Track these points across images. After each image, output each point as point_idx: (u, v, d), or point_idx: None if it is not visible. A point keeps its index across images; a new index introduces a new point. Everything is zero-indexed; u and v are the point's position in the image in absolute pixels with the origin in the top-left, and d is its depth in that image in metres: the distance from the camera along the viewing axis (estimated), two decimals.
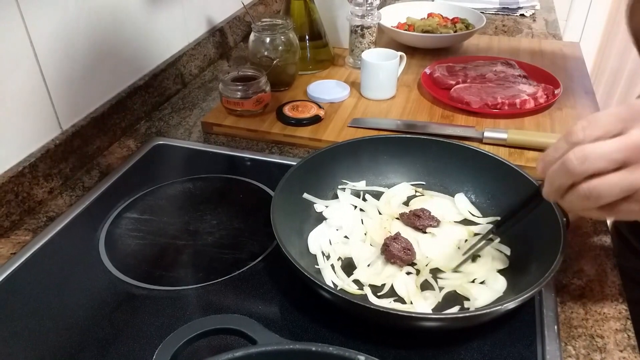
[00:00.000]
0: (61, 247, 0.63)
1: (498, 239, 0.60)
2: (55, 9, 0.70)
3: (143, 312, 0.54)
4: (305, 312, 0.53)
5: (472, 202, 0.67)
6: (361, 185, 0.69)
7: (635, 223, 0.82)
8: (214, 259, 0.61)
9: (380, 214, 0.65)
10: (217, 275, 0.58)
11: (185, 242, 0.63)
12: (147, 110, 0.91)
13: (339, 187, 0.68)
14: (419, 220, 0.63)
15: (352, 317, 0.51)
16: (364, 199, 0.67)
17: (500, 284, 0.55)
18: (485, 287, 0.55)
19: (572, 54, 1.08)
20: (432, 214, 0.63)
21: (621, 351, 0.50)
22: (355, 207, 0.66)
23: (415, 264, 0.58)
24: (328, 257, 0.59)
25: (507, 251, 0.59)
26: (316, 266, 0.58)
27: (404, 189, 0.69)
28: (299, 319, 0.53)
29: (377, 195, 0.68)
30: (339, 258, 0.59)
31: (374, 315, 0.48)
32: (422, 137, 0.70)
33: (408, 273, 0.57)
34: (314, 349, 0.38)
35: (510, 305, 0.46)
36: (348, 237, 0.62)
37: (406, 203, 0.67)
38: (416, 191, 0.69)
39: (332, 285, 0.55)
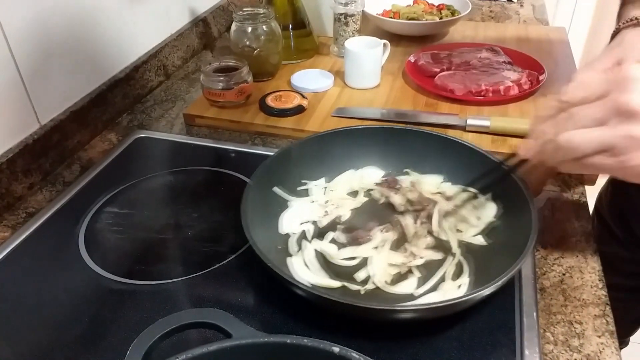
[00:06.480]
0: (40, 243, 0.62)
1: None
2: (28, 0, 0.69)
3: (122, 307, 0.54)
4: (283, 305, 0.53)
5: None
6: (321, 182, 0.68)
7: (617, 208, 0.83)
8: (195, 253, 0.60)
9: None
10: (197, 268, 0.58)
11: (166, 236, 0.63)
12: (128, 103, 0.90)
13: (300, 187, 0.67)
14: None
15: (329, 310, 0.51)
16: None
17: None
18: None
19: (558, 39, 1.07)
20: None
21: (599, 337, 0.50)
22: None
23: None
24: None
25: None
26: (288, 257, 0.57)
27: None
28: (276, 311, 0.53)
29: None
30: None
31: (347, 309, 0.48)
32: (397, 126, 0.69)
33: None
34: (288, 341, 0.38)
35: (486, 292, 0.46)
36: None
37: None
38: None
39: (303, 280, 0.54)
